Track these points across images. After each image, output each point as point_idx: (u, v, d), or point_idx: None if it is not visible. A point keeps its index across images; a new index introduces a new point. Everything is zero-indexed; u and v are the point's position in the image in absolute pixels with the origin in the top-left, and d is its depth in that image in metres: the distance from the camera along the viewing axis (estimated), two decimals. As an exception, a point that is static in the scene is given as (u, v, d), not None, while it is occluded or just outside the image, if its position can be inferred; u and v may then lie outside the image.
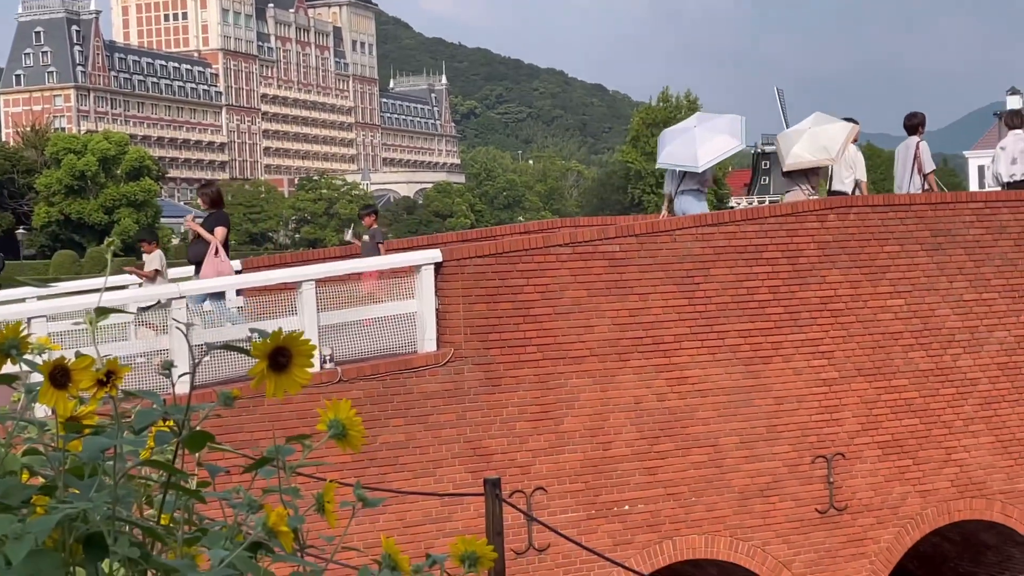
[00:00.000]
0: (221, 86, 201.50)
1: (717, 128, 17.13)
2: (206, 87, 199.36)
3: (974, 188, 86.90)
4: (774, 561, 15.18)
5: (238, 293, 14.41)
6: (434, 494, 13.09)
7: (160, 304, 13.25)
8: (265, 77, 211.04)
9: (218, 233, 14.51)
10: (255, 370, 1.86)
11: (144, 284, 15.26)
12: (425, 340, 13.66)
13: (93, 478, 1.79)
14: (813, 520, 15.45)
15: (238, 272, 16.08)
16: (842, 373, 15.67)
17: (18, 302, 14.34)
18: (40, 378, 1.88)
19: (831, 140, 17.10)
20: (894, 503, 15.93)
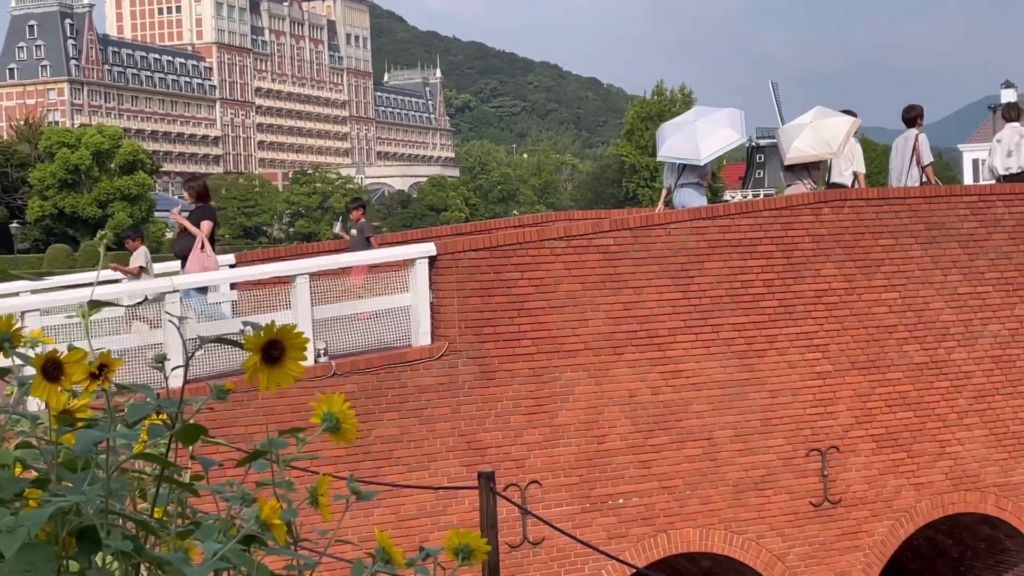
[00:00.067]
0: (215, 80, 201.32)
1: (718, 121, 17.15)
2: (200, 81, 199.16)
3: (968, 181, 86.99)
4: (768, 554, 15.20)
5: (232, 287, 14.39)
6: (428, 487, 13.09)
7: (147, 300, 13.18)
8: (259, 71, 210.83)
9: (204, 227, 14.44)
10: (248, 363, 1.86)
11: (128, 281, 15.17)
12: (419, 334, 13.65)
13: (86, 471, 1.79)
14: (807, 513, 15.46)
15: (232, 266, 16.06)
16: (836, 366, 15.69)
17: (12, 296, 14.32)
18: (33, 372, 1.88)
19: (833, 134, 17.13)
20: (888, 496, 15.95)
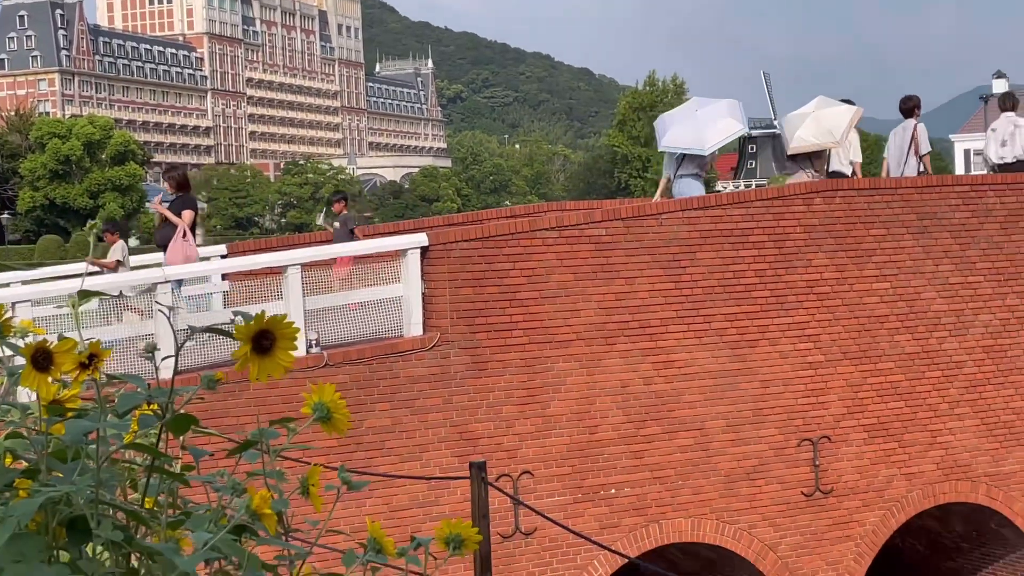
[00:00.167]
0: (206, 70, 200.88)
1: (719, 112, 17.20)
2: (191, 71, 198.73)
3: (960, 171, 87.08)
4: (760, 544, 15.23)
5: (224, 277, 14.37)
6: (420, 478, 13.10)
7: (122, 295, 13.10)
8: (250, 61, 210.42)
9: (185, 216, 14.43)
10: (239, 353, 1.85)
11: (106, 275, 15.09)
12: (411, 324, 13.65)
13: (76, 461, 1.79)
14: (799, 503, 15.49)
15: (223, 257, 16.04)
16: (828, 356, 15.71)
17: (3, 287, 14.30)
18: (23, 361, 1.87)
19: (836, 123, 17.16)
20: (880, 486, 15.98)
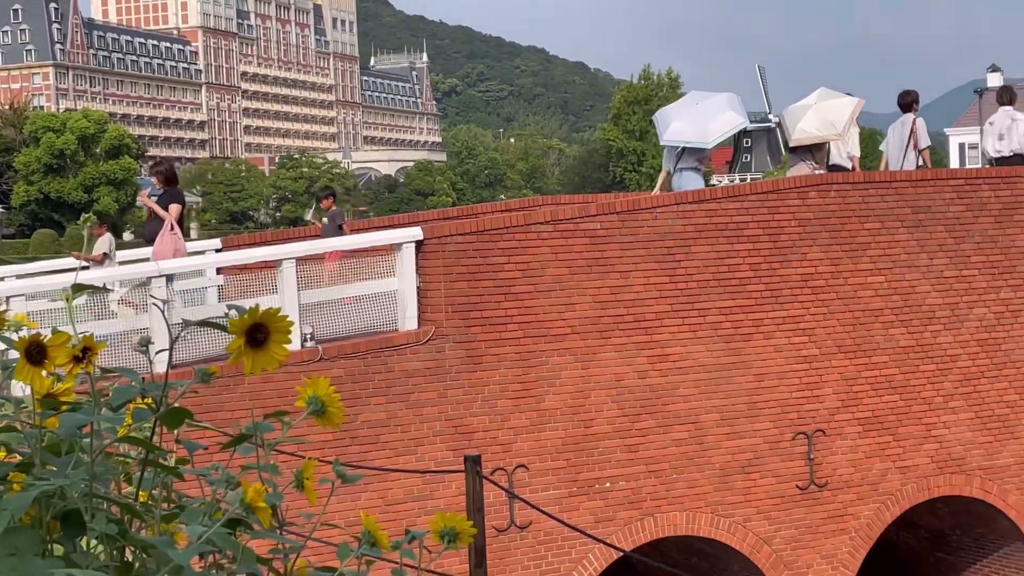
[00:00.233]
0: (201, 64, 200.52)
1: (720, 105, 17.27)
2: (186, 65, 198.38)
3: (955, 165, 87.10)
4: (755, 537, 15.24)
5: (218, 272, 14.36)
6: (416, 471, 13.10)
7: (107, 288, 13.05)
8: (245, 55, 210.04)
9: (172, 210, 14.41)
10: (233, 346, 1.85)
11: (92, 268, 15.08)
12: (406, 318, 13.64)
13: (70, 455, 1.79)
14: (794, 496, 15.51)
15: (218, 251, 16.03)
16: (823, 350, 15.72)
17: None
18: (17, 355, 1.87)
19: (838, 115, 17.15)
20: (874, 479, 16.00)
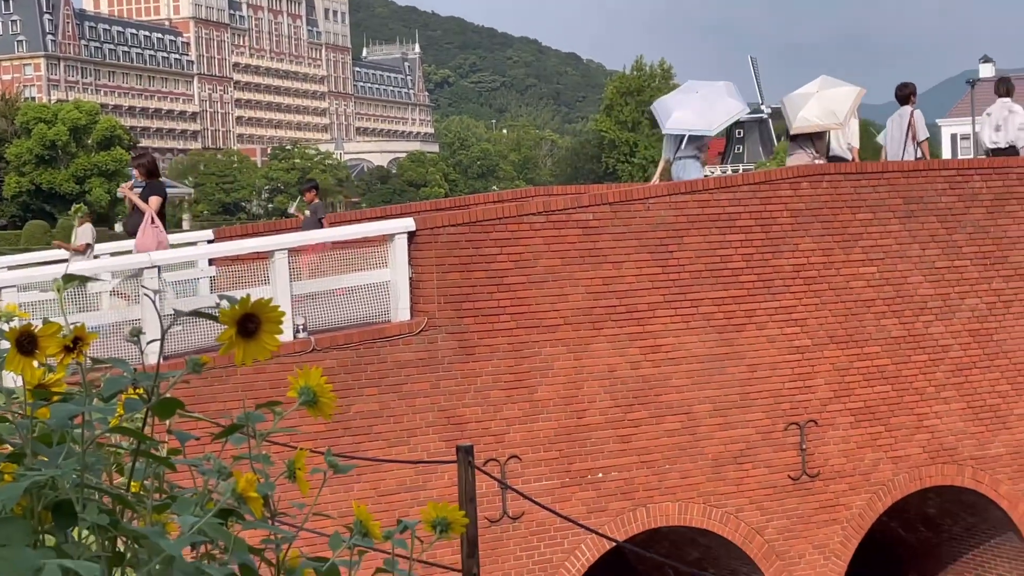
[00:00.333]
0: (193, 55, 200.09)
1: (719, 92, 17.39)
2: (177, 56, 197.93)
3: (947, 156, 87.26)
4: (747, 527, 15.27)
5: (210, 263, 14.34)
6: (408, 462, 13.11)
7: (87, 279, 13.01)
8: (237, 46, 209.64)
9: (152, 203, 14.40)
10: (224, 336, 1.85)
11: (74, 258, 15.05)
12: (399, 309, 13.64)
13: (62, 445, 1.78)
14: (786, 487, 15.53)
15: (210, 242, 16.01)
16: (815, 340, 15.74)
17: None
18: (7, 345, 1.87)
19: (840, 104, 17.16)
20: (866, 469, 16.03)
